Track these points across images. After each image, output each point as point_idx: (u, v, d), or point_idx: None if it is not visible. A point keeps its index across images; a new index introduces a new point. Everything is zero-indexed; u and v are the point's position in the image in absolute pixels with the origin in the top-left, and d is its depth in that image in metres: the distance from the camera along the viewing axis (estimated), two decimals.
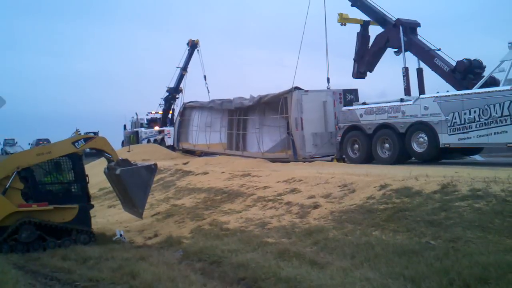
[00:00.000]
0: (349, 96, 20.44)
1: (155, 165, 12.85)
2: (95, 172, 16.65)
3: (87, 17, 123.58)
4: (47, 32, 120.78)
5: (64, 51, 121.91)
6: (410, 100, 16.79)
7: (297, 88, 20.17)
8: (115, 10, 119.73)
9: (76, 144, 11.93)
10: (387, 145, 17.23)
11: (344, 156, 19.02)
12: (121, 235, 12.32)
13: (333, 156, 19.74)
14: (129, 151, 28.03)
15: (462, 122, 14.89)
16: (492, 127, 14.21)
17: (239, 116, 24.18)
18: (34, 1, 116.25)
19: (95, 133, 35.96)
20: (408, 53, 18.76)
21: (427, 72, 18.46)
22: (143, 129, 40.98)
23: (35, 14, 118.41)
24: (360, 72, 20.87)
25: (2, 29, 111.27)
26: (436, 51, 18.16)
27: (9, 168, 11.23)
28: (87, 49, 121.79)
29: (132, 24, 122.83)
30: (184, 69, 37.56)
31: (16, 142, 58.44)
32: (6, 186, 11.02)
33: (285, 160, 20.28)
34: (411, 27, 18.98)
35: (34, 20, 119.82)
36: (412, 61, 18.90)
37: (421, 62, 18.62)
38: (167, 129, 36.92)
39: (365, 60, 20.58)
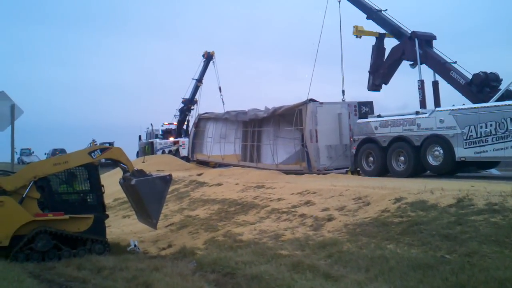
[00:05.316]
0: (364, 109, 20.38)
1: (170, 176, 12.87)
2: (110, 182, 16.77)
3: (103, 28, 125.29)
4: (62, 43, 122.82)
5: (79, 62, 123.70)
6: (426, 113, 16.72)
7: (312, 100, 20.17)
8: (129, 21, 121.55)
9: (92, 154, 12.01)
10: (402, 158, 17.15)
11: (358, 169, 18.95)
12: (135, 245, 12.35)
13: (347, 169, 19.67)
14: (144, 162, 28.17)
15: (478, 135, 14.79)
16: (509, 141, 14.10)
17: (253, 127, 24.22)
18: (49, 13, 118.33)
19: (111, 144, 36.30)
20: (423, 66, 18.71)
21: (443, 84, 18.39)
22: (158, 140, 41.23)
23: (50, 25, 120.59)
24: (375, 85, 20.83)
25: (18, 40, 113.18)
26: (452, 64, 18.09)
27: (26, 177, 11.34)
28: (103, 60, 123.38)
29: (146, 35, 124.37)
30: (199, 80, 37.82)
31: (33, 152, 59.10)
32: (23, 196, 11.11)
33: (299, 172, 20.24)
34: (427, 39, 18.94)
35: (49, 31, 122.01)
36: (428, 73, 18.88)
37: (436, 75, 18.56)
38: (182, 140, 37.12)
39: (381, 72, 20.56)
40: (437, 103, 18.36)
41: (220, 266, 8.94)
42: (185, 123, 39.75)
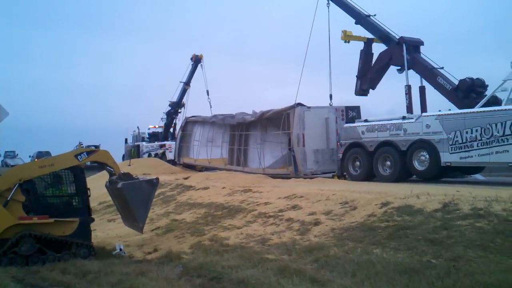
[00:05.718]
0: (351, 113, 20.46)
1: (157, 179, 12.81)
2: (95, 186, 16.63)
3: (90, 29, 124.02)
4: (49, 44, 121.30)
5: (66, 63, 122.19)
6: (412, 118, 16.82)
7: (299, 104, 20.21)
8: (118, 23, 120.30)
9: (78, 157, 11.91)
10: (388, 162, 17.22)
11: (345, 173, 18.99)
12: (120, 249, 12.26)
13: (334, 173, 19.73)
14: (129, 165, 28.02)
15: (464, 140, 14.90)
16: (494, 146, 14.22)
17: (241, 131, 24.21)
18: (38, 13, 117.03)
19: (97, 147, 36.04)
20: (411, 71, 18.84)
21: (430, 90, 18.54)
22: (144, 143, 41.02)
23: (38, 26, 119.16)
24: (362, 89, 20.93)
25: (4, 40, 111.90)
26: (439, 70, 18.25)
27: (11, 180, 11.21)
28: (90, 61, 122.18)
29: (135, 37, 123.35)
30: (187, 83, 37.74)
31: (17, 154, 58.45)
32: (8, 198, 10.98)
33: (286, 176, 20.25)
34: (415, 45, 19.09)
35: (37, 31, 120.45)
36: (415, 79, 19.01)
37: (423, 80, 18.70)
38: (168, 143, 36.95)
39: (368, 77, 20.66)
40: (423, 108, 18.51)
41: (206, 271, 8.90)
42: (172, 126, 39.61)
